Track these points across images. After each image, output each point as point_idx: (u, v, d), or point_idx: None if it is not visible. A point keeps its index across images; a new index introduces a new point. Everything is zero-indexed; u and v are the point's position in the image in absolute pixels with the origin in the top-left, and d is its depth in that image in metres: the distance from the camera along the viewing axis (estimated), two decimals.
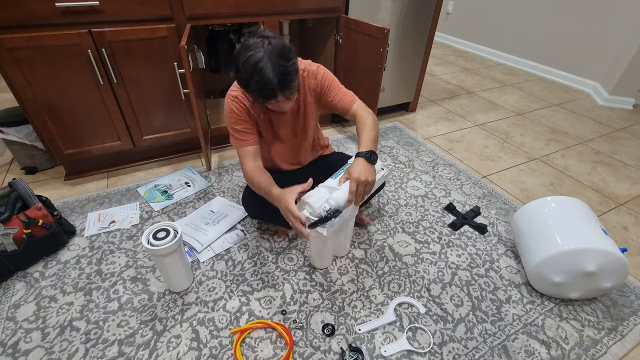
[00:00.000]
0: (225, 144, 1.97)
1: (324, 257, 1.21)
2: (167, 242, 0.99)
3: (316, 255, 1.22)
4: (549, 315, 1.12)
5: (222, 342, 1.00)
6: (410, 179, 1.73)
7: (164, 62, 1.51)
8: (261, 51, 0.88)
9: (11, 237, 1.12)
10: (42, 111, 1.41)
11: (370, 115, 1.12)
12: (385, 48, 1.62)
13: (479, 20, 3.69)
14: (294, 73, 0.92)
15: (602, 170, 1.89)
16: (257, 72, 0.87)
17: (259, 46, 0.88)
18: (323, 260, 1.22)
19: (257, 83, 0.89)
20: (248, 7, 1.58)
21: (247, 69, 0.88)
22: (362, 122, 1.09)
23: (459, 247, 1.36)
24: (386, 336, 1.03)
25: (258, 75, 0.88)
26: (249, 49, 0.89)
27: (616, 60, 2.62)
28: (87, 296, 1.12)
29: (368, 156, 1.00)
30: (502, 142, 2.12)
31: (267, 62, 0.87)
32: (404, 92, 2.31)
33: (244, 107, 1.09)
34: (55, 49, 1.31)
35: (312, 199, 0.96)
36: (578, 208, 1.18)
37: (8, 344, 0.99)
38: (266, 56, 0.87)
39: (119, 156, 1.72)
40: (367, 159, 0.99)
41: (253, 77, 0.88)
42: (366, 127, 1.07)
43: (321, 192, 0.98)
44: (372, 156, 1.00)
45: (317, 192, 0.98)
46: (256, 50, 0.88)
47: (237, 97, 1.08)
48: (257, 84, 0.89)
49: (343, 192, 0.97)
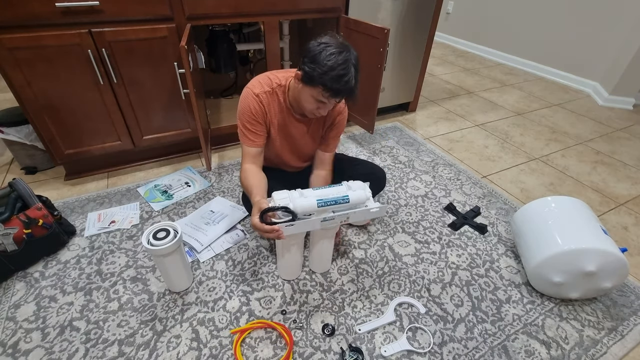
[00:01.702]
0: (225, 144, 1.97)
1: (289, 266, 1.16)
2: (167, 242, 0.99)
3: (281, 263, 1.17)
4: (549, 315, 1.12)
5: (222, 342, 1.00)
6: (410, 179, 1.73)
7: (164, 62, 1.51)
8: (348, 53, 0.94)
9: (11, 237, 1.12)
10: (42, 111, 1.41)
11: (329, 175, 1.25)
12: (385, 48, 1.62)
13: (479, 20, 3.69)
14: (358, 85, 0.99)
15: (602, 170, 1.89)
16: (344, 68, 0.93)
17: (346, 49, 0.95)
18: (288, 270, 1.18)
19: (340, 77, 0.93)
20: (248, 7, 1.58)
21: (332, 59, 0.92)
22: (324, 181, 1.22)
23: (459, 247, 1.36)
24: (386, 336, 1.03)
25: (344, 71, 0.93)
26: (333, 44, 0.94)
27: (616, 60, 2.62)
28: (87, 296, 1.12)
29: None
30: (502, 142, 2.12)
31: (351, 66, 0.94)
32: (404, 92, 2.31)
33: (262, 108, 1.09)
34: (55, 49, 1.31)
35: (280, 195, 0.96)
36: (578, 208, 1.18)
37: (8, 344, 0.99)
38: (351, 61, 0.95)
39: (119, 156, 1.72)
40: None
41: (337, 69, 0.92)
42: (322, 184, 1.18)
43: (293, 194, 0.97)
44: None
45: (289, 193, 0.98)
46: (345, 51, 0.94)
47: (259, 95, 1.08)
48: (340, 77, 0.93)
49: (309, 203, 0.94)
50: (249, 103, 1.08)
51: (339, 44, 0.95)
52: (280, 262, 1.17)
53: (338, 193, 0.98)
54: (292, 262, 1.15)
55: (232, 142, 1.99)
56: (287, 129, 1.16)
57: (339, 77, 0.93)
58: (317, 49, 0.94)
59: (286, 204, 0.93)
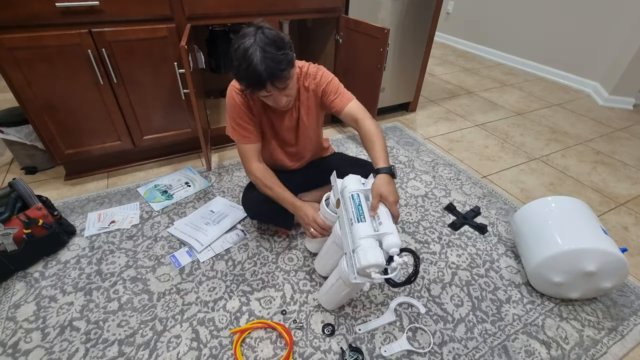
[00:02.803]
0: (225, 144, 1.97)
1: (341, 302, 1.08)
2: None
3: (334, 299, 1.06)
4: (549, 315, 1.12)
5: (222, 342, 1.00)
6: (410, 179, 1.73)
7: (164, 62, 1.51)
8: (252, 39, 0.87)
9: (11, 237, 1.12)
10: (42, 111, 1.41)
11: (374, 123, 1.06)
12: (385, 48, 1.62)
13: (479, 20, 3.69)
14: (285, 62, 0.89)
15: (602, 170, 1.89)
16: (246, 59, 0.86)
17: (251, 34, 0.88)
18: (339, 304, 1.09)
19: (245, 70, 0.88)
20: (248, 7, 1.58)
21: (237, 56, 0.88)
22: (371, 134, 1.03)
23: (459, 247, 1.36)
24: (386, 336, 1.03)
25: (246, 62, 0.87)
26: (242, 37, 0.89)
27: (616, 60, 2.62)
28: (87, 296, 1.12)
29: (391, 172, 0.95)
30: (502, 142, 2.12)
31: (257, 50, 0.86)
32: (404, 92, 2.31)
33: (247, 101, 1.08)
34: (55, 49, 1.31)
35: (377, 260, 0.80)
36: (578, 208, 1.18)
37: (8, 344, 0.99)
38: (256, 44, 0.86)
39: (119, 156, 1.72)
40: (391, 175, 0.94)
41: (242, 64, 0.88)
42: (376, 139, 1.01)
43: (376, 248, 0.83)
44: (394, 171, 0.95)
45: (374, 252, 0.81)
46: (247, 38, 0.87)
47: (242, 89, 1.05)
48: (245, 71, 0.88)
49: (395, 234, 0.84)
50: (234, 97, 1.07)
51: (247, 31, 0.89)
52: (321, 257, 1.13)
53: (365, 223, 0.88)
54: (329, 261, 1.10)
55: (232, 142, 1.98)
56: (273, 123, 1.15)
57: (245, 71, 0.88)
58: (231, 48, 0.90)
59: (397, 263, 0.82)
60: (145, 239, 1.34)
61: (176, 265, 1.24)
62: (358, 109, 1.09)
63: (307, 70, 1.11)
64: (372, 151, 1.01)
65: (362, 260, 0.80)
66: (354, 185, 0.96)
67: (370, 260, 0.80)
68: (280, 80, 0.91)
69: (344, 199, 0.95)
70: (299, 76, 1.09)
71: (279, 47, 0.88)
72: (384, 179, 0.92)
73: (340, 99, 1.11)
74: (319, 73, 1.11)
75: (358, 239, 0.85)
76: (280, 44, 0.89)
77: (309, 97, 1.14)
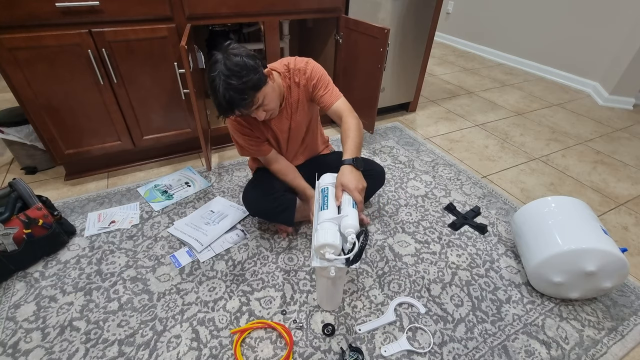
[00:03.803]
0: (225, 143, 1.97)
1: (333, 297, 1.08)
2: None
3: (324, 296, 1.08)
4: (549, 315, 1.12)
5: (222, 342, 1.00)
6: (410, 179, 1.73)
7: (164, 62, 1.51)
8: (218, 68, 0.93)
9: (11, 237, 1.12)
10: (42, 111, 1.41)
11: (354, 120, 1.09)
12: (385, 48, 1.62)
13: (479, 20, 3.69)
14: (248, 89, 0.93)
15: (602, 170, 1.88)
16: (213, 91, 0.94)
17: (219, 62, 0.93)
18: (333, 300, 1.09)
19: (214, 101, 0.96)
20: (248, 7, 1.58)
21: (209, 85, 0.95)
22: (347, 128, 1.07)
23: (459, 247, 1.36)
24: (386, 336, 1.03)
25: (213, 94, 0.95)
26: (212, 64, 0.94)
27: (616, 60, 2.62)
28: (87, 296, 1.12)
29: (354, 163, 0.99)
30: (502, 142, 2.12)
31: (220, 81, 0.92)
32: (404, 92, 2.31)
33: (246, 124, 1.16)
34: (55, 49, 1.31)
35: (328, 240, 0.85)
36: (578, 208, 1.18)
37: (8, 344, 0.99)
38: (219, 75, 0.92)
39: (119, 156, 1.72)
40: (354, 166, 0.99)
41: (211, 95, 0.96)
42: (351, 133, 1.06)
43: (332, 230, 0.87)
44: (358, 162, 1.00)
45: (327, 233, 0.86)
46: (215, 66, 0.93)
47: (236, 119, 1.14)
48: (214, 101, 0.97)
49: (352, 216, 0.89)
50: (235, 127, 1.17)
51: (212, 62, 0.95)
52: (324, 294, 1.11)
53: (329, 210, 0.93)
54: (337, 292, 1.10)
55: (232, 142, 1.98)
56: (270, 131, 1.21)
57: (214, 101, 0.96)
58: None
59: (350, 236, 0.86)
60: (145, 239, 1.34)
61: (176, 265, 1.24)
62: (345, 107, 1.13)
63: (295, 65, 1.13)
64: (344, 144, 1.06)
65: (315, 240, 0.86)
66: (326, 181, 1.03)
67: (320, 240, 0.84)
68: (245, 107, 0.97)
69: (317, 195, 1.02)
70: (285, 74, 1.13)
71: (240, 77, 0.92)
72: (346, 169, 0.98)
73: (329, 96, 1.14)
74: (308, 67, 1.13)
75: (317, 224, 0.91)
76: (242, 71, 0.93)
77: (300, 92, 1.16)
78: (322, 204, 0.96)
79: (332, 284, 1.00)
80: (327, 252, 0.86)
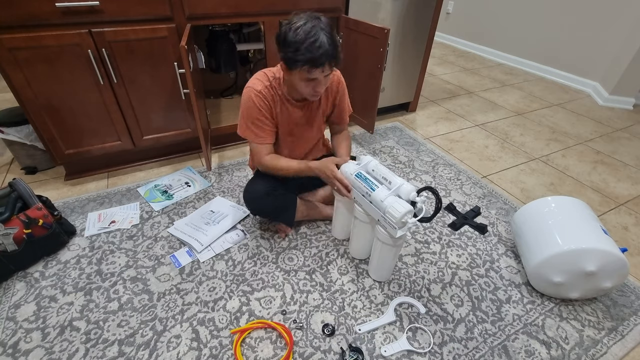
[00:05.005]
0: (225, 144, 1.97)
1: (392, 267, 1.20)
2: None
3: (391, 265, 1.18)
4: (549, 315, 1.12)
5: (222, 342, 1.00)
6: (411, 179, 1.73)
7: (164, 62, 1.51)
8: (312, 22, 0.94)
9: (11, 237, 1.12)
10: (42, 111, 1.41)
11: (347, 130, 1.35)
12: (385, 48, 1.62)
13: (479, 20, 3.69)
14: (339, 49, 0.97)
15: (602, 170, 1.89)
16: (312, 35, 0.92)
17: (310, 19, 0.95)
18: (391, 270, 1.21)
19: (311, 45, 0.92)
20: (248, 7, 1.58)
21: (299, 33, 0.93)
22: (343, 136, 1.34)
23: (459, 247, 1.36)
24: (386, 336, 1.03)
25: (313, 38, 0.92)
26: (297, 20, 0.95)
27: (616, 60, 2.62)
28: (87, 296, 1.12)
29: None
30: (502, 142, 2.12)
31: (321, 30, 0.93)
32: (404, 92, 2.31)
33: (268, 104, 1.13)
34: (55, 49, 1.31)
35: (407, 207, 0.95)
36: (578, 208, 1.18)
37: (8, 344, 0.99)
38: (319, 26, 0.94)
39: (119, 156, 1.72)
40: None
41: (307, 40, 0.92)
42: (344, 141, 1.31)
43: (399, 200, 0.97)
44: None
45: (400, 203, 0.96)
46: (307, 21, 0.94)
47: (262, 92, 1.10)
48: (311, 45, 0.92)
49: (405, 183, 0.99)
50: (252, 100, 1.11)
51: (303, 17, 0.95)
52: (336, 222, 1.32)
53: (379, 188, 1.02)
54: (344, 224, 1.30)
55: (232, 142, 1.99)
56: (289, 117, 1.19)
57: (310, 45, 0.92)
58: (284, 30, 0.96)
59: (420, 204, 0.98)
60: (146, 239, 1.34)
61: (176, 265, 1.24)
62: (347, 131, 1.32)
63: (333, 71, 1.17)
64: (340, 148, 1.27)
65: (395, 214, 0.94)
66: (353, 167, 1.10)
67: (401, 210, 0.94)
68: (336, 62, 0.98)
69: (351, 182, 1.08)
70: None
71: (332, 35, 0.96)
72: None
73: (346, 116, 1.30)
74: (341, 79, 1.24)
75: (381, 202, 0.98)
76: (331, 31, 0.96)
77: (329, 93, 1.22)
78: (369, 186, 1.03)
79: (396, 252, 1.12)
80: (407, 219, 0.95)
